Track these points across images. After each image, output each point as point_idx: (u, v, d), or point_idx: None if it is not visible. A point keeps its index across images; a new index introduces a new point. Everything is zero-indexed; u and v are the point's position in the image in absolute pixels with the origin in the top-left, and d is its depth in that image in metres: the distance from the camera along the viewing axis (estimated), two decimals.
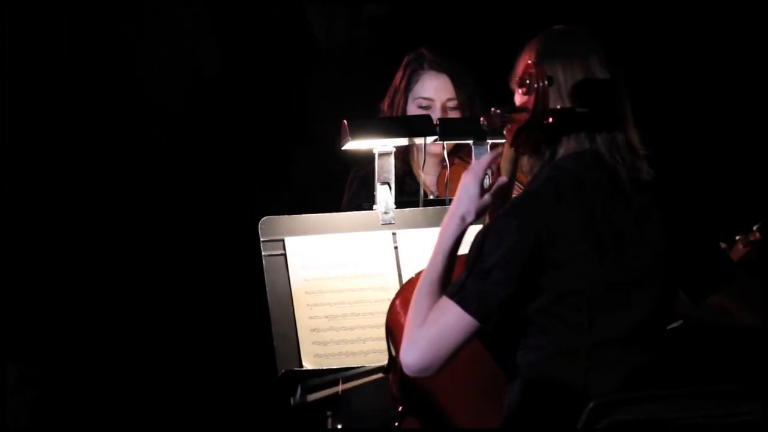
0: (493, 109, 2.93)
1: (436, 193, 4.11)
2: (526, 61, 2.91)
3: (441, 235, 2.93)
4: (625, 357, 2.85)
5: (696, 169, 5.18)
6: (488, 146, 3.64)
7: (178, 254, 5.52)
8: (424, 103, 4.10)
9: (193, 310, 5.45)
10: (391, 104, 4.12)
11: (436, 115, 4.04)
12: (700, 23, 5.29)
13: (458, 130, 3.72)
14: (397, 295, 3.25)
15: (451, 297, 2.82)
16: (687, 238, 2.94)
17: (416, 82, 4.11)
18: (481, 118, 2.95)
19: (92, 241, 5.47)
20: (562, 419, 2.81)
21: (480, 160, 2.97)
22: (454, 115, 4.08)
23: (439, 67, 4.10)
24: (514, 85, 2.96)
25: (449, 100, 4.09)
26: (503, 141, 3.70)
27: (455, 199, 2.94)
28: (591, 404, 2.74)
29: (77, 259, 5.44)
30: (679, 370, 2.97)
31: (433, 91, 4.09)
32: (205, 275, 5.50)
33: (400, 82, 4.12)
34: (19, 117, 5.46)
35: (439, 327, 2.82)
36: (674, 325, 3.49)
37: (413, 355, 2.83)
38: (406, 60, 4.15)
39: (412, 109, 4.10)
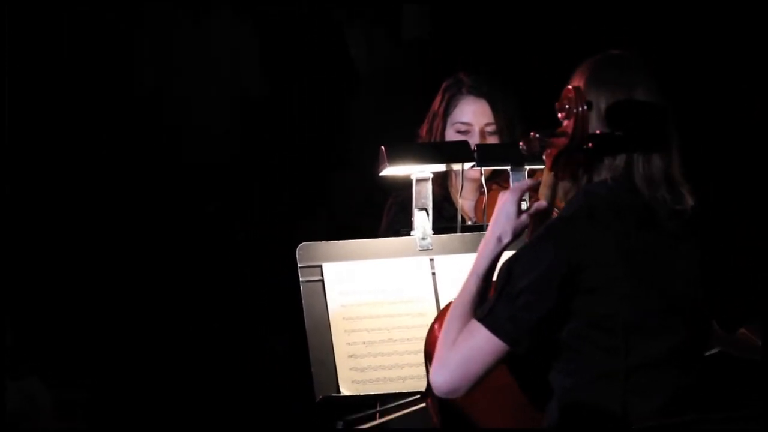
0: (532, 133, 2.92)
1: (474, 219, 4.10)
2: (572, 85, 2.91)
3: (478, 256, 2.92)
4: (664, 381, 2.83)
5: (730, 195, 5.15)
6: (526, 172, 3.63)
7: (217, 279, 5.53)
8: (463, 128, 4.09)
9: (231, 336, 5.46)
10: (430, 129, 4.12)
11: (474, 140, 4.03)
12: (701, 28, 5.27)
13: (496, 155, 3.71)
14: (436, 319, 3.24)
15: (481, 320, 2.82)
16: (719, 266, 2.93)
17: (455, 107, 4.10)
18: (520, 143, 2.94)
19: (130, 263, 5.50)
20: None
21: (519, 182, 2.96)
22: (492, 140, 4.07)
23: (477, 92, 4.10)
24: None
25: (488, 125, 4.08)
26: (541, 167, 3.71)
27: (492, 219, 2.93)
28: (633, 428, 2.73)
29: (119, 277, 5.47)
30: (719, 395, 2.95)
31: (472, 116, 4.09)
32: (244, 300, 5.51)
33: (439, 107, 4.11)
34: (61, 136, 5.50)
35: (469, 350, 2.82)
36: (712, 351, 3.47)
37: (442, 376, 2.83)
38: (444, 85, 4.15)
39: (451, 134, 4.09)
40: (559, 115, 2.89)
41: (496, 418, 3.14)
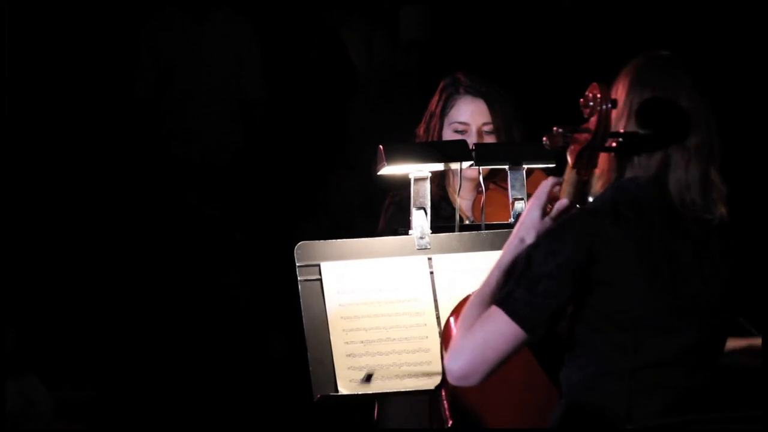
0: (555, 128, 2.91)
1: (472, 218, 4.10)
2: (618, 85, 2.91)
3: (502, 252, 2.92)
4: (670, 381, 2.83)
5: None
6: (524, 171, 3.63)
7: (215, 278, 5.54)
8: (460, 127, 4.09)
9: (228, 335, 5.46)
10: (427, 129, 4.12)
11: (471, 139, 4.03)
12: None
13: (494, 155, 3.71)
14: (453, 312, 3.22)
15: (500, 305, 2.81)
16: (748, 271, 2.92)
17: (452, 107, 4.10)
18: (544, 138, 2.93)
19: (127, 264, 5.51)
20: None
21: (543, 184, 2.96)
22: (489, 139, 4.07)
23: (475, 92, 4.09)
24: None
25: (485, 124, 4.08)
26: (539, 166, 3.71)
27: (518, 223, 2.93)
28: (630, 428, 2.73)
29: (117, 277, 5.48)
30: (726, 396, 2.95)
31: (469, 116, 4.08)
32: (241, 299, 5.51)
33: (436, 107, 4.11)
34: (62, 135, 5.51)
35: (485, 334, 2.80)
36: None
37: (458, 361, 2.81)
38: (442, 84, 4.15)
39: (448, 134, 4.09)
40: (585, 111, 2.89)
41: (506, 415, 3.14)
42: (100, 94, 5.70)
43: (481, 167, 3.76)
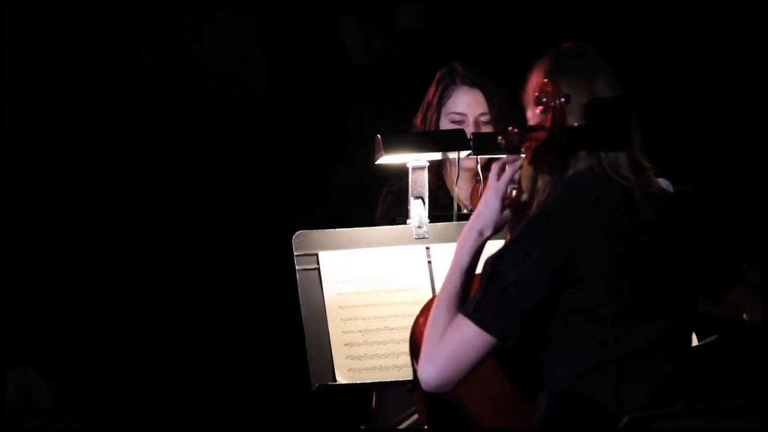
0: (510, 128, 2.96)
1: (470, 207, 4.10)
2: (536, 79, 2.91)
3: (458, 249, 2.93)
4: (654, 369, 2.84)
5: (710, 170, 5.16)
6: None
7: (215, 268, 5.54)
8: (457, 117, 4.09)
9: (227, 325, 5.46)
10: (424, 119, 4.12)
11: (469, 129, 4.04)
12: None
13: (492, 144, 3.70)
14: (421, 313, 3.23)
15: (468, 316, 2.82)
16: (701, 243, 2.93)
17: (449, 98, 4.10)
18: (499, 137, 2.97)
19: (126, 254, 5.50)
20: None
21: (502, 176, 2.97)
22: (486, 129, 4.07)
23: (471, 83, 4.10)
24: (527, 103, 2.97)
25: (482, 114, 4.09)
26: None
27: (475, 213, 2.95)
28: (626, 419, 2.73)
29: (114, 268, 5.48)
30: (712, 382, 2.96)
31: (466, 106, 4.09)
32: (240, 289, 5.51)
33: (433, 97, 4.12)
34: (55, 127, 5.51)
35: (456, 345, 2.82)
36: (709, 339, 3.47)
37: (431, 371, 2.84)
38: (438, 75, 4.15)
39: (445, 124, 4.10)
40: (537, 109, 2.89)
41: (485, 409, 3.14)
42: (98, 92, 5.70)
43: (478, 157, 3.76)
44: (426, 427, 3.19)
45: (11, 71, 5.19)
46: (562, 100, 2.85)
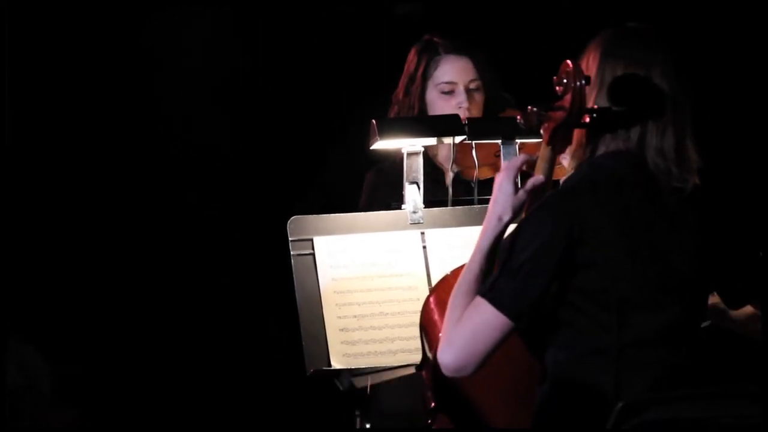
0: (529, 107, 2.91)
1: (454, 171, 4.04)
2: (588, 57, 2.90)
3: (481, 235, 2.92)
4: (657, 357, 2.83)
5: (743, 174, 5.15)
6: (517, 146, 3.62)
7: (207, 254, 5.53)
8: (447, 87, 4.05)
9: (221, 310, 5.46)
10: (407, 92, 4.08)
11: (459, 98, 4.01)
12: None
13: (487, 129, 3.70)
14: (432, 292, 3.24)
15: (484, 296, 2.81)
16: (726, 244, 2.93)
17: (435, 68, 4.06)
18: (518, 117, 2.94)
19: (120, 242, 5.49)
20: (592, 419, 2.79)
21: (514, 159, 2.96)
22: (477, 96, 4.05)
23: (458, 51, 4.07)
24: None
25: (472, 81, 4.06)
26: (532, 141, 3.70)
27: (492, 199, 2.93)
28: (620, 404, 2.73)
29: (105, 258, 5.47)
30: (710, 370, 2.95)
31: (456, 74, 4.05)
32: (234, 275, 5.50)
33: (416, 70, 4.07)
34: (40, 119, 5.49)
35: (474, 326, 2.81)
36: (704, 324, 3.47)
37: (449, 354, 2.82)
38: (416, 48, 4.11)
39: (432, 96, 4.06)
40: (557, 89, 2.88)
41: (491, 393, 3.14)
42: (96, 91, 5.67)
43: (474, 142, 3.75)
44: (433, 405, 3.18)
45: (11, 73, 5.18)
46: (582, 81, 2.83)
